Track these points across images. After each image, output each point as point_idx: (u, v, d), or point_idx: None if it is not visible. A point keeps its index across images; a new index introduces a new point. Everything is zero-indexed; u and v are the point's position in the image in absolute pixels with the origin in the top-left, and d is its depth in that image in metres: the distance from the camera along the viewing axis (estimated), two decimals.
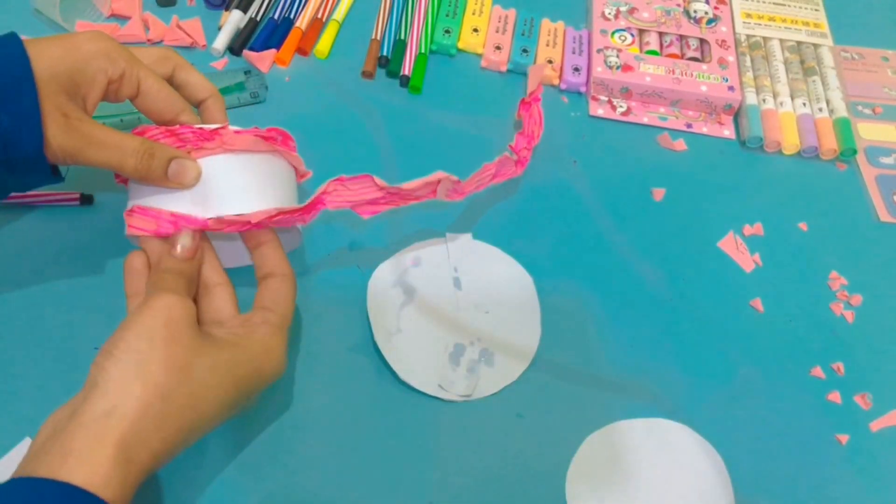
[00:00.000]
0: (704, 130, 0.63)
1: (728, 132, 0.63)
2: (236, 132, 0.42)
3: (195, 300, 0.41)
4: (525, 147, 0.56)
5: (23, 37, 0.39)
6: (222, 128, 0.42)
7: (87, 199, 0.51)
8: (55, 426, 0.35)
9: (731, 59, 0.65)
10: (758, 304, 0.54)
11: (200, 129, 0.42)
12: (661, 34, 0.67)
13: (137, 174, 0.40)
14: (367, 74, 0.62)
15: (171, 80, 0.44)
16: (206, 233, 0.42)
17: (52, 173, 0.41)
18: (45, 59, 0.38)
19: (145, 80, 0.42)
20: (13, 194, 0.50)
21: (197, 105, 0.46)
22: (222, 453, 0.43)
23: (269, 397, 0.46)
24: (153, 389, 0.34)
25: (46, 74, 0.38)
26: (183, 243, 0.40)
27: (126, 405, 0.34)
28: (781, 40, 0.69)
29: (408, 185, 0.46)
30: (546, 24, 0.67)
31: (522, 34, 0.66)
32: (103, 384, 0.34)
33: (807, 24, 0.70)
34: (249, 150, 0.42)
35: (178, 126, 0.42)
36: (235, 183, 0.42)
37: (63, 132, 0.39)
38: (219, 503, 0.42)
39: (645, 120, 0.63)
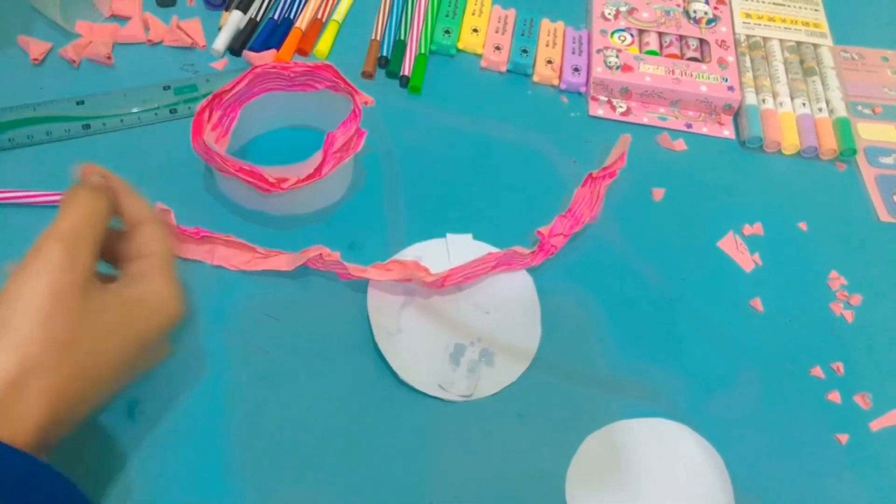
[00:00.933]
0: (704, 131, 0.63)
1: (728, 132, 0.63)
2: (305, 181, 0.50)
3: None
4: (563, 233, 0.53)
5: None
6: (295, 182, 0.49)
7: None
8: None
9: (731, 59, 0.65)
10: (757, 303, 0.54)
11: (273, 184, 0.48)
12: (660, 34, 0.67)
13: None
14: (367, 75, 0.62)
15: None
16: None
17: None
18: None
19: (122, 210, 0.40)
20: (12, 192, 0.50)
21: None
22: (221, 453, 0.43)
23: (269, 397, 0.46)
24: (27, 366, 0.32)
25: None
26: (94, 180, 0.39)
27: None
28: (781, 40, 0.69)
29: (379, 275, 0.48)
30: (546, 25, 0.67)
31: (522, 34, 0.66)
32: None
33: (806, 24, 0.70)
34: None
35: (252, 173, 0.48)
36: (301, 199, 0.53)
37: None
38: (216, 502, 0.42)
39: (644, 120, 0.63)
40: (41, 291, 0.33)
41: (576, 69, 0.64)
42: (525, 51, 0.65)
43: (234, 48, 0.61)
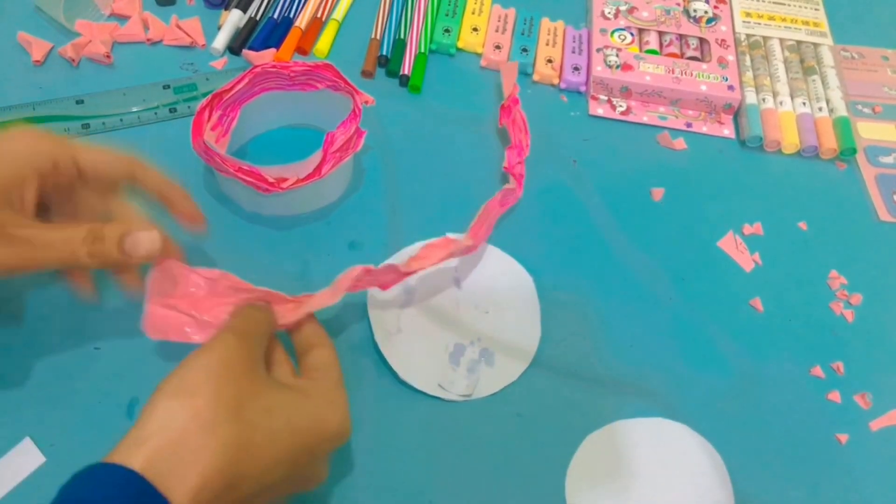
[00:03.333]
0: (704, 130, 0.63)
1: (728, 131, 0.63)
2: (305, 181, 0.49)
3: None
4: (518, 162, 0.56)
5: None
6: (294, 182, 0.48)
7: None
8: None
9: (731, 58, 0.65)
10: (757, 303, 0.54)
11: (272, 184, 0.48)
12: (660, 33, 0.67)
13: (94, 261, 0.38)
14: (367, 74, 0.62)
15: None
16: None
17: None
18: None
19: (82, 153, 0.40)
20: None
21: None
22: None
23: None
24: (195, 419, 0.32)
25: None
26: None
27: (161, 434, 0.32)
28: (781, 39, 0.69)
29: (423, 262, 0.47)
30: (546, 24, 0.67)
31: (522, 33, 0.66)
32: (147, 413, 0.33)
33: (806, 23, 0.70)
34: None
35: (251, 173, 0.48)
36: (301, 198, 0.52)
37: (2, 246, 0.36)
38: None
39: (644, 119, 0.63)
40: (215, 361, 0.35)
41: (576, 68, 0.64)
42: (525, 50, 0.65)
43: (234, 47, 0.61)
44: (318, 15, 0.65)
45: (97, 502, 0.30)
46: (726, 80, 0.63)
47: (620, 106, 0.63)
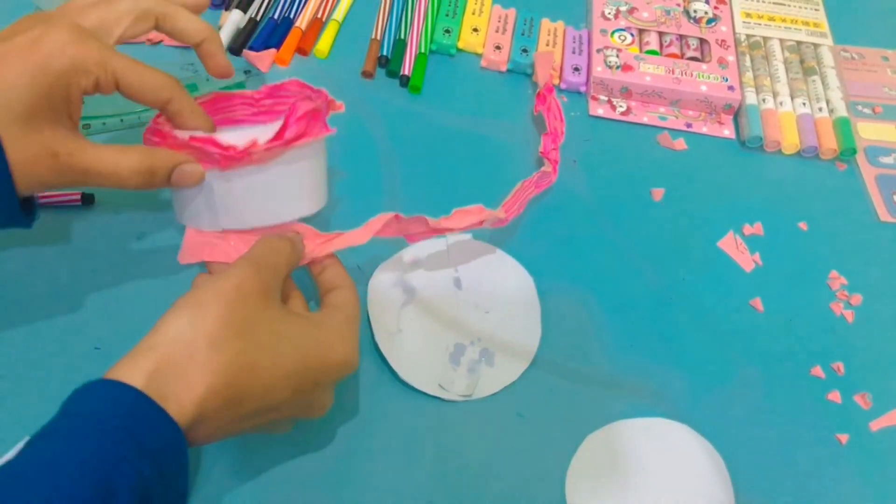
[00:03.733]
0: (704, 130, 0.63)
1: (728, 132, 0.63)
2: (266, 149, 0.41)
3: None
4: (553, 148, 0.56)
5: None
6: (252, 146, 0.40)
7: (88, 200, 0.51)
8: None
9: (731, 58, 0.65)
10: (758, 303, 0.54)
11: (228, 148, 0.40)
12: (660, 34, 0.67)
13: (140, 189, 0.40)
14: (367, 74, 0.62)
15: (159, 30, 0.42)
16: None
17: (28, 217, 0.40)
18: (15, 99, 0.35)
19: (123, 78, 0.39)
20: None
21: (194, 48, 0.44)
22: (220, 452, 0.43)
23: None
24: (203, 335, 0.33)
25: (23, 114, 0.36)
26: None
27: (170, 344, 0.33)
28: (781, 40, 0.69)
29: (453, 223, 0.46)
30: (546, 24, 0.67)
31: (522, 34, 0.66)
32: (157, 327, 0.34)
33: (807, 23, 0.70)
34: (279, 156, 0.42)
35: (201, 140, 0.41)
36: (269, 196, 0.43)
37: (55, 174, 0.37)
38: (215, 502, 0.42)
39: (645, 119, 0.63)
40: (230, 285, 0.35)
41: (576, 69, 0.64)
42: (525, 50, 0.65)
43: (234, 48, 0.61)
44: (319, 15, 0.65)
45: (93, 415, 0.31)
46: (726, 80, 0.63)
47: (621, 106, 0.63)
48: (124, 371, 0.32)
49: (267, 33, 0.63)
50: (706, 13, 0.68)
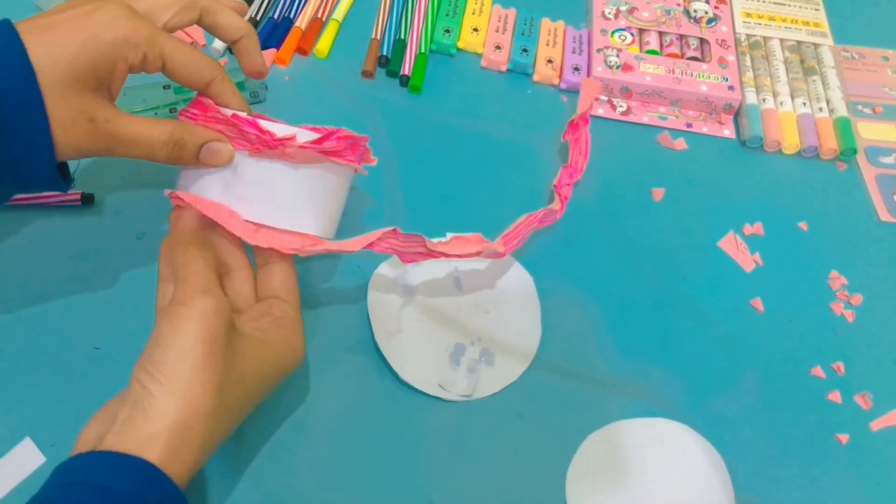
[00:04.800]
0: (704, 130, 0.63)
1: (728, 132, 0.63)
2: (301, 146, 0.41)
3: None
4: (568, 183, 0.55)
5: (28, 23, 0.37)
6: (290, 138, 0.41)
7: (88, 199, 0.51)
8: (100, 433, 0.35)
9: (731, 58, 0.65)
10: (758, 303, 0.54)
11: (266, 133, 0.41)
12: (661, 34, 0.67)
13: (168, 162, 0.41)
14: (367, 74, 0.62)
15: (200, 24, 0.43)
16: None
17: (64, 181, 0.41)
18: (62, 63, 0.36)
19: (170, 58, 0.40)
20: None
21: (231, 45, 0.45)
22: (221, 452, 0.43)
23: (269, 397, 0.46)
24: (193, 412, 0.35)
25: (68, 77, 0.36)
26: (187, 221, 0.42)
27: (168, 431, 0.34)
28: (781, 40, 0.69)
29: (451, 248, 0.46)
30: (546, 24, 0.67)
31: (522, 34, 0.66)
32: (147, 407, 0.35)
33: (807, 23, 0.70)
34: (309, 162, 0.42)
35: (243, 120, 0.41)
36: (283, 197, 0.42)
37: (90, 139, 0.38)
38: (216, 502, 0.42)
39: (645, 119, 0.63)
40: (198, 342, 0.36)
41: (576, 68, 0.64)
42: (525, 50, 0.65)
43: None
44: (319, 15, 0.65)
45: (126, 494, 0.32)
46: (727, 80, 0.63)
47: (621, 106, 0.63)
48: (138, 452, 0.34)
49: (267, 33, 0.63)
50: (706, 13, 0.68)
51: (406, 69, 0.62)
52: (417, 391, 0.47)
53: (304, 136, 0.42)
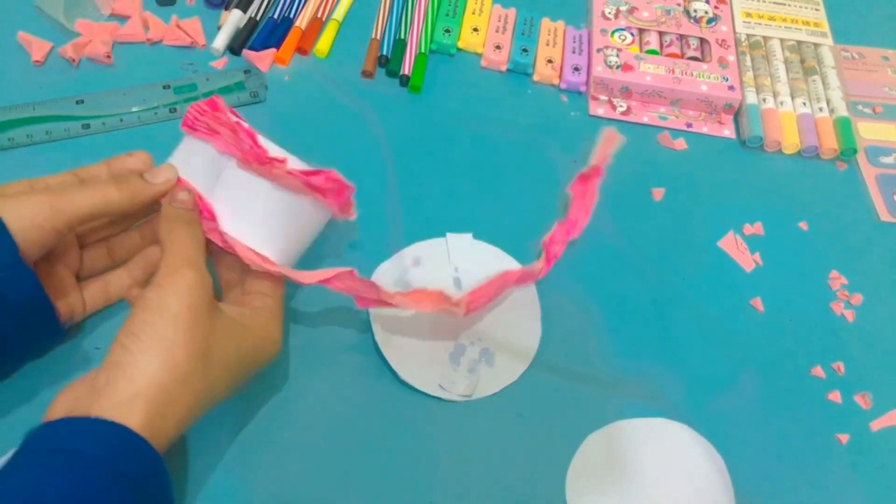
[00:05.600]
0: (704, 130, 0.63)
1: (728, 132, 0.63)
2: (289, 173, 0.41)
3: None
4: (560, 241, 0.52)
5: None
6: (280, 160, 0.41)
7: None
8: (76, 400, 0.36)
9: (732, 58, 0.65)
10: (758, 303, 0.54)
11: (260, 148, 0.41)
12: (661, 34, 0.67)
13: (123, 195, 0.41)
14: (367, 74, 0.62)
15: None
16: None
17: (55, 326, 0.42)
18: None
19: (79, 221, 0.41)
20: None
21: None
22: (221, 451, 0.43)
23: (269, 397, 0.46)
24: (175, 375, 0.36)
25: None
26: (182, 196, 0.42)
27: (149, 392, 0.35)
28: (782, 40, 0.68)
29: (407, 302, 0.45)
30: (546, 24, 0.67)
31: (522, 34, 0.66)
32: (128, 368, 0.35)
33: (807, 23, 0.70)
34: (291, 189, 0.43)
35: (244, 129, 0.42)
36: (257, 213, 0.43)
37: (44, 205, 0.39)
38: (216, 502, 0.42)
39: (645, 119, 0.63)
40: (183, 307, 0.37)
41: (576, 68, 0.64)
42: (525, 50, 0.65)
43: (234, 47, 0.61)
44: (319, 15, 0.65)
45: (104, 459, 0.33)
46: (727, 80, 0.63)
47: (621, 106, 0.63)
48: (116, 414, 0.34)
49: (267, 33, 0.63)
50: (706, 13, 0.68)
51: (406, 69, 0.62)
52: (417, 391, 0.47)
53: (295, 163, 0.42)
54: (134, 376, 0.35)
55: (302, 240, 0.45)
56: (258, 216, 0.43)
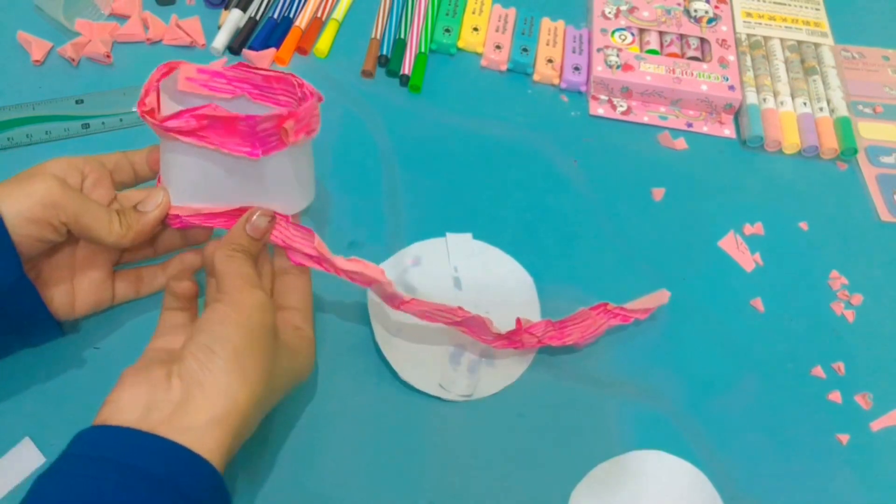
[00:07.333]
0: (705, 130, 0.63)
1: (728, 131, 0.63)
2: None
3: None
4: (538, 338, 0.47)
5: None
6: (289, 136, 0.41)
7: None
8: (149, 409, 0.34)
9: (732, 58, 0.65)
10: (758, 303, 0.54)
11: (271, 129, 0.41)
12: (661, 33, 0.67)
13: (123, 228, 0.41)
14: (367, 74, 0.62)
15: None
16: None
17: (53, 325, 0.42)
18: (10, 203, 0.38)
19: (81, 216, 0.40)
20: None
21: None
22: None
23: None
24: (252, 399, 0.36)
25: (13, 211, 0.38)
26: (260, 224, 0.42)
27: (229, 419, 0.34)
28: (782, 39, 0.68)
29: (342, 262, 0.43)
30: (546, 23, 0.67)
31: (522, 33, 0.66)
32: (209, 389, 0.35)
33: (807, 23, 0.70)
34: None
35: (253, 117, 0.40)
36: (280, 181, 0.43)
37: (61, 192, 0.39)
38: None
39: (645, 119, 0.63)
40: (257, 324, 0.37)
41: (576, 68, 0.64)
42: (525, 49, 0.65)
43: (234, 47, 0.61)
44: (318, 15, 0.65)
45: (170, 483, 0.32)
46: (727, 80, 0.63)
47: (621, 106, 0.63)
48: (201, 444, 0.33)
49: (266, 33, 0.63)
50: (707, 13, 0.68)
51: (406, 69, 0.62)
52: (417, 391, 0.47)
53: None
54: (215, 399, 0.34)
55: (309, 172, 0.46)
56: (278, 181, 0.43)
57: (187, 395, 0.34)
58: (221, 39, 0.61)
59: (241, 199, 0.43)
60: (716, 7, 0.69)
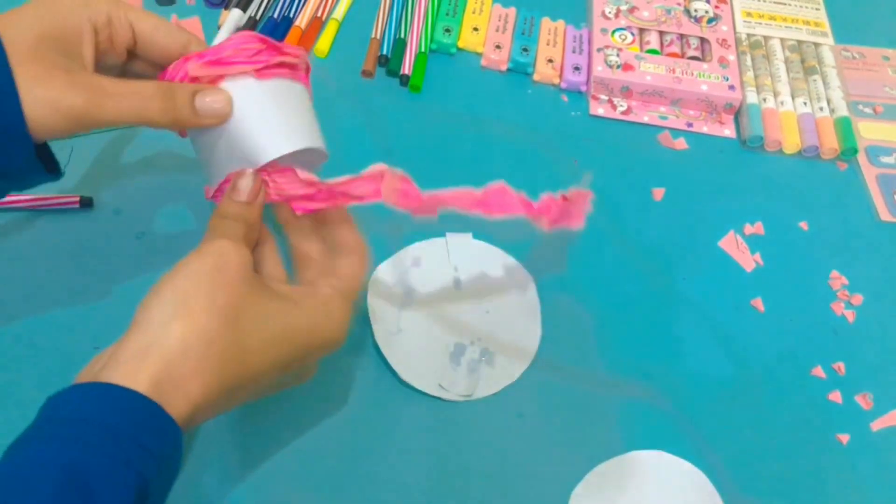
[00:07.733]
0: (705, 130, 0.63)
1: (728, 131, 0.63)
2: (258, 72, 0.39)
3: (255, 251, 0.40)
4: (535, 210, 0.46)
5: None
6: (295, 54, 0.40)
7: (86, 202, 0.51)
8: (95, 364, 0.33)
9: (732, 58, 0.65)
10: (758, 303, 0.54)
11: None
12: (661, 33, 0.67)
13: (165, 118, 0.37)
14: (367, 73, 0.62)
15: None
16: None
17: (47, 169, 0.38)
18: (23, 26, 0.35)
19: (138, 21, 0.39)
20: (14, 197, 0.50)
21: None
22: (221, 450, 0.43)
23: (270, 398, 0.46)
24: (194, 330, 0.33)
25: (31, 39, 0.35)
26: (242, 186, 0.39)
27: (163, 343, 0.32)
28: (782, 39, 0.68)
29: (339, 184, 0.42)
30: (546, 23, 0.67)
31: (522, 33, 0.66)
32: (144, 322, 0.33)
33: (807, 23, 0.70)
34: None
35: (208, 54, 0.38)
36: (273, 120, 0.40)
37: (71, 88, 0.35)
38: (217, 502, 0.42)
39: (645, 119, 0.63)
40: (209, 266, 0.35)
41: (576, 68, 0.64)
42: (525, 49, 0.65)
43: None
44: (318, 14, 0.65)
45: (108, 424, 0.30)
46: (727, 79, 0.63)
47: (621, 106, 0.63)
48: (125, 377, 0.31)
49: (266, 32, 0.62)
50: (707, 12, 0.68)
51: (406, 69, 0.62)
52: (417, 391, 0.47)
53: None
54: (146, 329, 0.33)
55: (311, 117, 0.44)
56: (276, 123, 0.41)
57: (124, 337, 0.33)
58: (221, 39, 0.61)
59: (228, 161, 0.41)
60: (716, 7, 0.69)
